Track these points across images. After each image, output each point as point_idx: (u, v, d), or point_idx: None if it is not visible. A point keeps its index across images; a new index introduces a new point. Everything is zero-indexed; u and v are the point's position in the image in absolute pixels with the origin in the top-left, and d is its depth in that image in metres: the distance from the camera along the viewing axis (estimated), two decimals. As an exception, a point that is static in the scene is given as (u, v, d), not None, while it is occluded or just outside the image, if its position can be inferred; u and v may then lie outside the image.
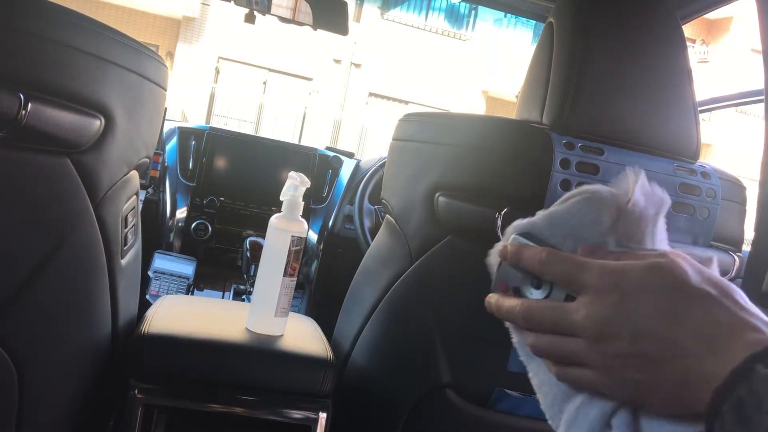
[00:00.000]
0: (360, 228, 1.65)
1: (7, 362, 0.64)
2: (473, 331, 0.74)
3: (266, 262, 0.84)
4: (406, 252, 0.79)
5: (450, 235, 0.75)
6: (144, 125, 0.75)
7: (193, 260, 1.82)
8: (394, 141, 0.87)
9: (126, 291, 0.80)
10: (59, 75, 0.59)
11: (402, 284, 0.79)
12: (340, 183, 2.05)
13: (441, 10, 11.15)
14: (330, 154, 2.10)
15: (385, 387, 0.83)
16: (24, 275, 0.63)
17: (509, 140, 0.71)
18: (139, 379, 0.76)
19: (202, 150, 1.98)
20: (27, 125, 0.57)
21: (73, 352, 0.72)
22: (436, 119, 0.80)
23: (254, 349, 0.80)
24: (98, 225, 0.68)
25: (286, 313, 0.85)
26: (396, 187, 0.85)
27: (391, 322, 0.81)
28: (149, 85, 0.72)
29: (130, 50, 0.66)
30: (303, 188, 0.85)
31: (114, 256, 0.73)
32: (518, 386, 0.74)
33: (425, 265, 0.76)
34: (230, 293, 1.92)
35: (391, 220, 0.85)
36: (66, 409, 0.74)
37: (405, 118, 0.86)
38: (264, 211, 2.02)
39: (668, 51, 0.68)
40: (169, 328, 0.79)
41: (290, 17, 1.46)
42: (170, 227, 1.94)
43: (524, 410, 0.76)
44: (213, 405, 0.77)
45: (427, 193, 0.76)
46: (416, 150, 0.80)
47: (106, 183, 0.69)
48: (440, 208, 0.75)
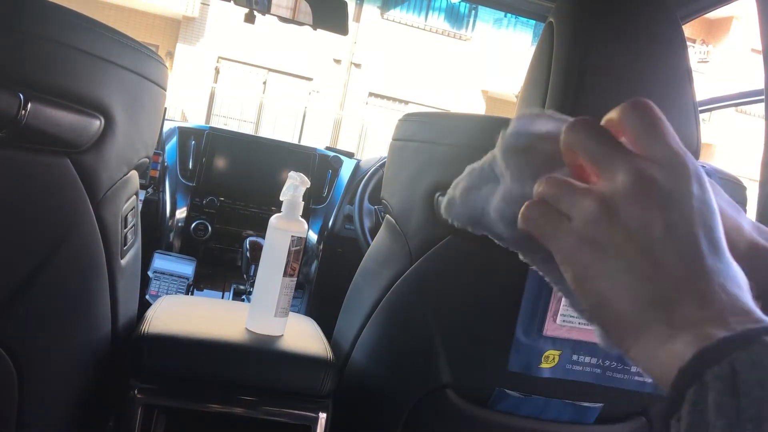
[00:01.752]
0: (360, 228, 1.65)
1: (7, 362, 0.64)
2: (473, 331, 0.74)
3: (266, 262, 0.84)
4: (406, 252, 0.79)
5: (450, 235, 0.75)
6: (144, 125, 0.75)
7: (193, 260, 1.82)
8: (394, 141, 0.87)
9: (126, 291, 0.80)
10: (59, 75, 0.59)
11: (402, 284, 0.79)
12: (340, 183, 2.05)
13: (441, 10, 11.15)
14: (330, 154, 2.10)
15: (385, 387, 0.83)
16: (24, 275, 0.63)
17: (509, 140, 0.71)
18: (139, 379, 0.76)
19: (202, 150, 1.98)
20: (27, 125, 0.57)
21: (73, 352, 0.72)
22: (435, 119, 0.80)
23: (254, 349, 0.80)
24: (98, 225, 0.68)
25: (286, 313, 0.85)
26: (396, 187, 0.85)
27: (391, 322, 0.81)
28: (149, 85, 0.72)
29: (130, 50, 0.66)
30: (303, 188, 0.85)
31: (114, 256, 0.73)
32: (518, 386, 0.74)
33: (425, 265, 0.76)
34: (230, 293, 1.92)
35: (391, 220, 0.85)
36: (66, 409, 0.74)
37: (405, 118, 0.86)
38: (264, 211, 2.02)
39: (668, 51, 0.68)
40: (169, 328, 0.79)
41: (290, 17, 1.46)
42: (170, 227, 1.94)
43: (524, 410, 0.76)
44: (213, 405, 0.77)
45: (427, 193, 0.76)
46: (416, 150, 0.80)
47: (106, 183, 0.69)
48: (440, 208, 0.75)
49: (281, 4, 1.44)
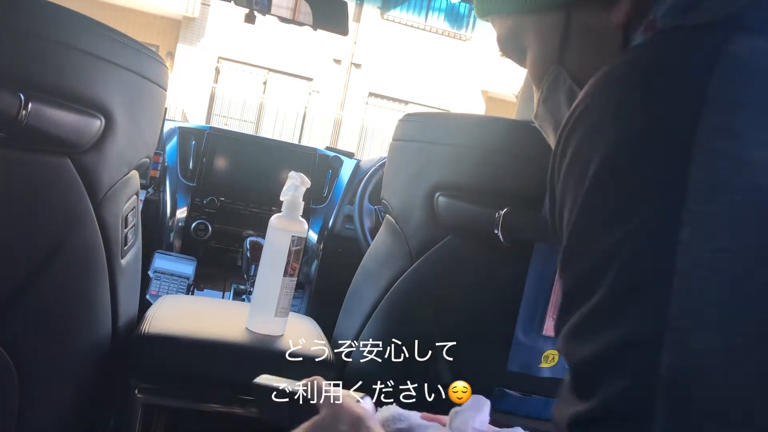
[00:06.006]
0: (360, 228, 1.65)
1: (8, 362, 0.64)
2: (473, 331, 0.74)
3: (266, 262, 0.84)
4: (406, 252, 0.79)
5: (450, 235, 0.75)
6: (144, 125, 0.75)
7: (193, 260, 1.82)
8: (394, 141, 0.87)
9: (126, 291, 0.80)
10: (59, 75, 0.59)
11: (402, 284, 0.79)
12: (340, 183, 2.06)
13: (441, 10, 11.15)
14: (330, 154, 2.10)
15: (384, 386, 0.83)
16: (24, 275, 0.63)
17: (509, 140, 0.71)
18: (139, 379, 0.76)
19: (202, 150, 1.98)
20: (27, 125, 0.57)
21: (74, 352, 0.72)
22: (436, 119, 0.80)
23: (254, 349, 0.80)
24: (98, 225, 0.68)
25: (286, 313, 0.85)
26: (396, 187, 0.85)
27: (391, 321, 0.81)
28: (149, 85, 0.72)
29: (130, 50, 0.66)
30: (303, 188, 0.85)
31: (114, 256, 0.73)
32: (518, 386, 0.74)
33: (425, 264, 0.76)
34: (230, 293, 1.92)
35: (391, 220, 0.85)
36: (66, 409, 0.74)
37: (405, 118, 0.86)
38: (264, 211, 2.02)
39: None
40: (169, 328, 0.79)
41: (290, 17, 1.46)
42: (170, 227, 1.94)
43: (524, 410, 0.76)
44: (213, 405, 0.77)
45: (427, 193, 0.76)
46: (416, 150, 0.80)
47: (107, 183, 0.69)
48: (440, 208, 0.75)
49: (281, 4, 1.44)
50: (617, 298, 0.32)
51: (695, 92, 0.32)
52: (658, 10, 0.40)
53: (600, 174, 0.34)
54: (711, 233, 0.30)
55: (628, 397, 0.30)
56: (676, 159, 0.31)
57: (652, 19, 0.41)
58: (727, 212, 0.30)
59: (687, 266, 0.30)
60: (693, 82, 0.33)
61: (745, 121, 0.31)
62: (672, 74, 0.34)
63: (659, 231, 0.31)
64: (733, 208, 0.30)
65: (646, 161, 0.32)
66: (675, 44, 0.36)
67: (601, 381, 0.31)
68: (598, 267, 0.33)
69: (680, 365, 0.29)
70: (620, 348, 0.31)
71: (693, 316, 0.30)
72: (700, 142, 0.31)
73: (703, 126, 0.31)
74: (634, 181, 0.33)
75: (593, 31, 0.45)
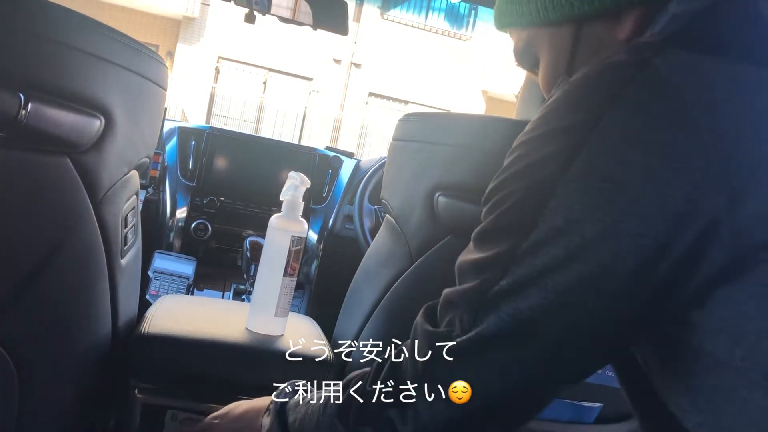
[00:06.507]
0: (360, 228, 1.65)
1: (8, 362, 0.64)
2: (473, 331, 0.74)
3: (266, 262, 0.84)
4: (406, 252, 0.79)
5: (450, 235, 0.75)
6: (144, 125, 0.75)
7: (193, 260, 1.82)
8: (394, 141, 0.87)
9: (126, 291, 0.80)
10: (59, 75, 0.59)
11: (402, 284, 0.79)
12: (340, 183, 2.06)
13: (441, 10, 11.15)
14: (330, 154, 2.10)
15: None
16: (24, 275, 0.63)
17: (509, 140, 0.71)
18: (139, 379, 0.76)
19: (202, 150, 1.98)
20: (27, 125, 0.57)
21: (74, 352, 0.72)
22: (435, 119, 0.80)
23: (254, 349, 0.80)
24: (98, 225, 0.68)
25: (286, 312, 0.85)
26: (396, 187, 0.85)
27: (391, 321, 0.81)
28: (149, 85, 0.72)
29: (130, 50, 0.66)
30: (303, 188, 0.85)
31: (114, 255, 0.73)
32: (518, 386, 0.74)
33: (425, 264, 0.76)
34: (230, 293, 1.92)
35: (391, 220, 0.85)
36: (66, 409, 0.74)
37: (405, 118, 0.86)
38: (264, 211, 2.02)
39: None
40: (169, 328, 0.79)
41: (290, 17, 1.46)
42: (170, 227, 1.94)
43: (524, 410, 0.76)
44: (213, 405, 0.77)
45: (427, 193, 0.76)
46: (416, 150, 0.80)
47: (106, 183, 0.69)
48: (440, 208, 0.75)
49: (281, 4, 1.44)
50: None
51: (611, 96, 0.39)
52: (655, 25, 0.45)
53: (525, 143, 0.45)
54: (568, 205, 0.39)
55: None
56: (572, 144, 0.39)
57: (649, 34, 0.45)
58: (589, 195, 0.39)
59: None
60: (612, 86, 0.39)
61: (644, 121, 0.38)
62: (602, 78, 0.40)
63: (538, 195, 0.41)
64: (596, 192, 0.38)
65: (550, 142, 0.41)
66: (622, 54, 0.41)
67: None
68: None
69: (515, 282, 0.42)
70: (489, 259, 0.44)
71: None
72: (598, 133, 0.38)
73: (606, 119, 0.38)
74: (537, 155, 0.42)
75: (601, 45, 0.49)
